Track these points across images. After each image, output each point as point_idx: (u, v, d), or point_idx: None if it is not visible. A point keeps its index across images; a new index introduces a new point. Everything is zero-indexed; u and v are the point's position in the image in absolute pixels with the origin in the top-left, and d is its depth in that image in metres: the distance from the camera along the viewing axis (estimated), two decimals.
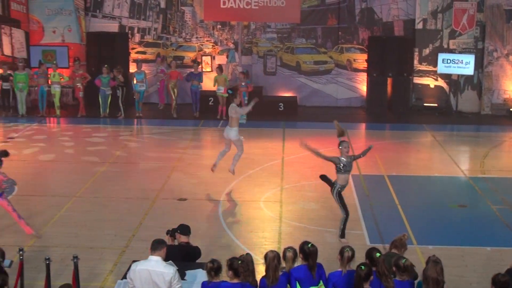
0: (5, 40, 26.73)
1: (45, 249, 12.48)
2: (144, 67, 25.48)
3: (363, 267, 8.31)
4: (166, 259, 8.81)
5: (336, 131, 13.47)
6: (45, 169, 18.24)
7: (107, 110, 24.52)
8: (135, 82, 24.82)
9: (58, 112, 24.66)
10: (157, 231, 13.02)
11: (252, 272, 8.51)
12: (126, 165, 18.62)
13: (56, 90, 24.52)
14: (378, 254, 8.67)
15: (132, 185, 16.78)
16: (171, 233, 10.25)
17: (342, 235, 13.16)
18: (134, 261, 9.05)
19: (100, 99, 24.37)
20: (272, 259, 8.59)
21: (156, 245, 8.66)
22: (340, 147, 13.08)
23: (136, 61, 25.99)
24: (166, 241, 9.46)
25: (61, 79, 24.65)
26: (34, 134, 22.14)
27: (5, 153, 12.97)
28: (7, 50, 26.75)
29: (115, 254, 12.46)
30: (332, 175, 13.34)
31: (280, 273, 8.65)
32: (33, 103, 25.77)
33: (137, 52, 27.32)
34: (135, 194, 15.93)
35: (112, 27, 27.21)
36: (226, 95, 24.27)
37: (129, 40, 27.06)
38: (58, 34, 26.66)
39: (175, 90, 24.83)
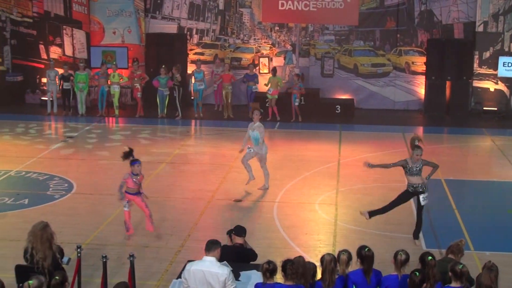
0: (67, 40, 27.20)
1: (102, 247, 12.65)
2: (202, 67, 25.59)
3: (417, 273, 8.22)
4: (221, 259, 8.85)
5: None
6: (103, 168, 18.47)
7: (165, 111, 24.74)
8: (193, 81, 24.98)
9: (117, 112, 24.98)
10: (212, 231, 13.13)
11: (302, 274, 8.45)
12: (183, 165, 18.75)
13: (115, 90, 24.85)
14: (429, 258, 8.56)
15: (188, 185, 16.90)
16: (229, 233, 10.31)
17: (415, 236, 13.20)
18: (189, 261, 9.12)
19: (158, 100, 24.61)
20: (329, 262, 8.56)
21: (210, 246, 8.71)
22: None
23: (195, 61, 26.03)
24: (226, 242, 9.54)
25: (120, 79, 24.98)
26: (93, 134, 22.46)
27: (129, 153, 13.24)
28: (68, 51, 27.22)
29: (171, 253, 12.57)
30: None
31: (336, 276, 8.62)
32: (93, 103, 26.16)
33: (195, 53, 27.49)
34: (191, 194, 16.04)
35: (171, 28, 27.44)
36: (276, 96, 24.32)
37: (188, 41, 27.26)
38: (118, 35, 27.00)
39: (229, 94, 24.87)
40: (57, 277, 8.19)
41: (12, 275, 9.71)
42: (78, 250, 10.11)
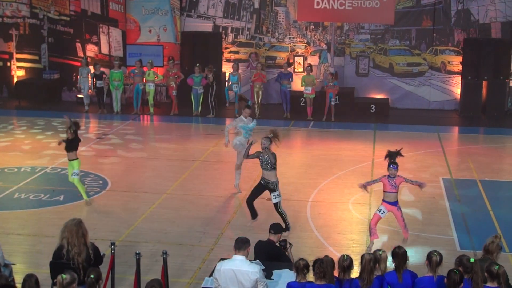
0: (103, 39, 27.43)
1: (136, 245, 12.73)
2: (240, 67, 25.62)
3: (457, 271, 8.16)
4: (255, 254, 8.87)
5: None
6: (138, 166, 18.58)
7: (199, 109, 24.82)
8: (229, 83, 25.00)
9: (151, 110, 25.11)
10: (245, 230, 13.16)
11: (329, 274, 8.45)
12: (216, 164, 18.80)
13: (150, 88, 24.98)
14: (472, 260, 8.48)
15: (221, 183, 16.94)
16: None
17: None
18: (221, 259, 9.15)
19: (192, 98, 24.70)
20: (368, 261, 8.56)
21: (240, 244, 8.72)
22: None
23: (232, 62, 25.94)
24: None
25: (155, 77, 25.11)
26: (128, 132, 22.61)
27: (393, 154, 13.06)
28: (104, 49, 27.45)
29: (204, 251, 12.61)
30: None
31: (374, 276, 8.62)
32: (128, 101, 26.32)
33: (230, 52, 27.56)
34: (224, 193, 16.07)
35: (206, 26, 27.51)
36: (314, 95, 24.26)
37: (223, 40, 27.32)
38: (153, 34, 27.16)
39: (260, 93, 24.83)
40: (92, 275, 8.28)
41: (46, 271, 9.83)
42: (112, 247, 10.20)
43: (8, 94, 27.81)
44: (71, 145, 14.81)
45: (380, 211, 12.66)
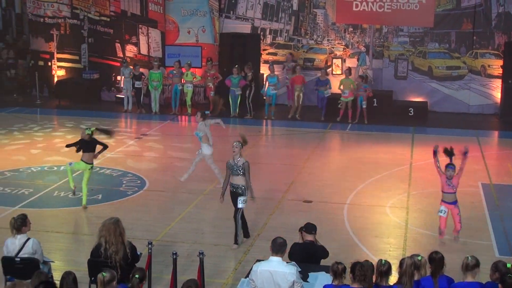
0: (142, 39, 27.62)
1: (173, 244, 12.80)
2: (276, 69, 25.60)
3: (511, 275, 8.06)
4: (291, 256, 8.85)
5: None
6: (175, 166, 18.67)
7: (237, 110, 24.85)
8: (267, 86, 25.00)
9: (189, 110, 25.21)
10: (281, 231, 13.11)
11: (369, 278, 8.41)
12: (253, 165, 18.68)
13: (188, 89, 25.10)
14: (508, 265, 8.39)
15: (258, 185, 16.91)
16: (301, 230, 10.33)
17: None
18: (257, 260, 9.16)
19: (230, 99, 24.74)
20: (409, 265, 8.51)
21: (277, 246, 8.72)
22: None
23: (270, 63, 25.91)
24: (298, 239, 9.61)
25: (193, 78, 25.22)
26: (166, 132, 22.75)
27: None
28: (143, 49, 27.64)
29: (240, 252, 12.64)
30: None
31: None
32: (166, 101, 26.46)
33: (268, 54, 27.57)
34: (261, 194, 16.06)
35: (245, 28, 27.56)
36: (352, 98, 24.12)
37: (261, 41, 27.34)
38: (192, 35, 27.27)
39: (300, 95, 24.79)
40: (137, 275, 8.34)
41: (84, 269, 9.94)
42: (149, 246, 10.26)
43: (49, 93, 28.13)
44: (89, 147, 14.79)
45: (441, 212, 12.77)
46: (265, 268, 8.59)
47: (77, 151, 14.82)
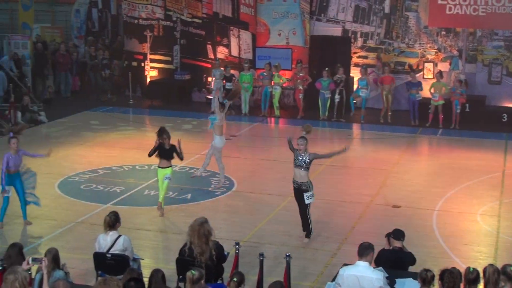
0: (233, 41, 27.87)
1: (260, 246, 12.86)
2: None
3: None
4: (378, 262, 8.79)
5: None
6: (263, 168, 18.77)
7: (326, 113, 24.79)
8: (357, 87, 24.85)
9: (277, 112, 25.31)
10: (369, 236, 13.00)
11: (458, 286, 8.27)
12: (342, 168, 18.75)
13: (276, 91, 25.20)
14: None
15: (347, 188, 16.89)
16: (388, 236, 10.24)
17: None
18: (344, 264, 9.13)
19: (319, 102, 24.71)
20: (492, 273, 8.36)
21: (363, 250, 8.69)
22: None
23: (361, 67, 25.70)
24: (384, 246, 9.51)
25: (280, 80, 25.29)
26: (255, 133, 22.90)
27: None
28: (234, 51, 27.89)
29: (327, 255, 12.62)
30: None
31: None
32: (256, 103, 26.62)
33: (359, 57, 27.41)
34: (350, 198, 16.01)
35: (336, 31, 27.46)
36: (442, 102, 23.71)
37: (352, 44, 27.20)
38: (283, 37, 27.34)
39: (389, 96, 24.54)
40: (235, 279, 8.41)
41: (173, 267, 10.11)
42: (236, 246, 10.35)
43: (141, 93, 28.69)
44: (168, 153, 14.91)
45: None
46: (352, 273, 8.56)
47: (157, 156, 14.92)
